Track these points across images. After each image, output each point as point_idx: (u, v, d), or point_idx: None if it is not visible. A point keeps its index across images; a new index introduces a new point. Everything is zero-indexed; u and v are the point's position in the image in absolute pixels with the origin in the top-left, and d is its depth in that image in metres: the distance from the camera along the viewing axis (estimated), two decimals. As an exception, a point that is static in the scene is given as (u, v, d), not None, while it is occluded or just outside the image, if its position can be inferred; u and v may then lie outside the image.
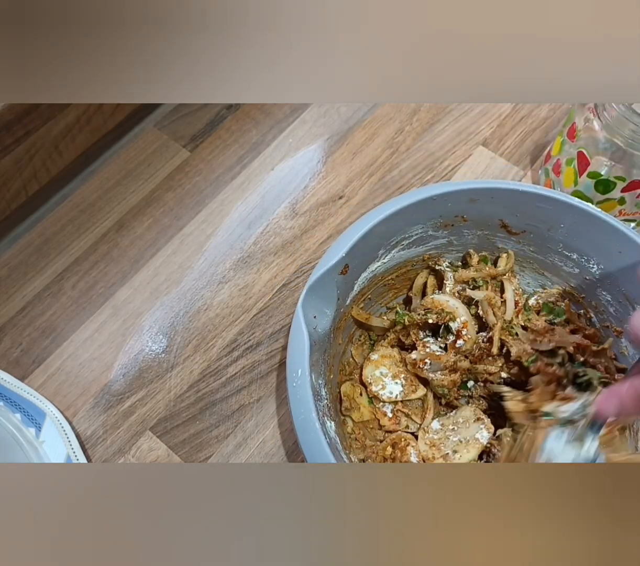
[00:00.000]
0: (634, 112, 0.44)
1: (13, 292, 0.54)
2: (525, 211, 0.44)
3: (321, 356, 0.40)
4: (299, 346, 0.36)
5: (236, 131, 0.62)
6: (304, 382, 0.35)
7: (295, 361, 0.36)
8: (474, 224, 0.46)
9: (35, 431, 0.46)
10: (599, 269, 0.44)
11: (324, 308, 0.40)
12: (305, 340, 0.36)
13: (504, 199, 0.43)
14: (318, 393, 0.38)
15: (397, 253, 0.46)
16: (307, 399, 0.35)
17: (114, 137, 0.61)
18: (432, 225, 0.45)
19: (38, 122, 0.52)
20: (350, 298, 0.45)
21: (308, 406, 0.35)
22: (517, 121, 0.62)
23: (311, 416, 0.35)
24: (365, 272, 0.45)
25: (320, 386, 0.39)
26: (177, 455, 0.48)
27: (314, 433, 0.34)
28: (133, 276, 0.55)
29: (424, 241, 0.47)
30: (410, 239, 0.45)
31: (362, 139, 0.61)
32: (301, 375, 0.36)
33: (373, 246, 0.43)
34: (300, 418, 0.35)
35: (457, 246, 0.48)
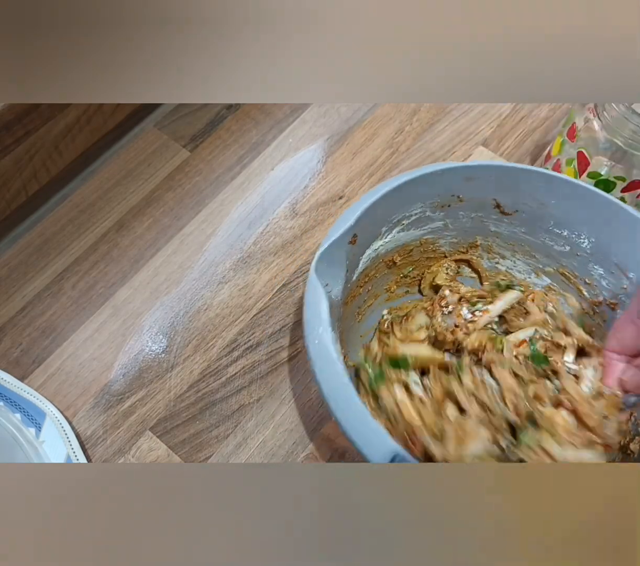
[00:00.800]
0: (634, 112, 0.44)
1: (13, 292, 0.54)
2: (517, 189, 0.45)
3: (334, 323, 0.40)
4: (316, 304, 0.36)
5: (236, 131, 0.62)
6: (327, 339, 0.35)
7: (314, 318, 0.36)
8: (469, 206, 0.47)
9: (35, 431, 0.46)
10: (589, 243, 0.45)
11: (336, 276, 0.40)
12: (322, 298, 0.36)
13: (497, 177, 0.45)
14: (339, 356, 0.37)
15: (397, 234, 0.47)
16: (331, 354, 0.34)
17: (114, 137, 0.61)
18: (431, 205, 0.46)
19: (38, 122, 0.52)
20: (356, 276, 0.45)
21: (333, 361, 0.34)
22: (517, 121, 0.62)
23: (339, 369, 0.34)
24: (369, 250, 0.45)
25: (338, 352, 0.39)
26: (177, 455, 0.48)
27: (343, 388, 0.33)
28: (133, 276, 0.55)
29: (422, 223, 0.48)
30: (410, 219, 0.46)
31: (362, 139, 0.61)
32: (322, 332, 0.35)
33: (378, 220, 0.44)
34: (324, 375, 0.34)
35: (452, 230, 0.49)
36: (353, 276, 0.45)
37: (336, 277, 0.40)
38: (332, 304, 0.38)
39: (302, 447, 0.48)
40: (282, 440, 0.48)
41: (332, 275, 0.39)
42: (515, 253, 0.50)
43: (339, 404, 0.33)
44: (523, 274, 0.51)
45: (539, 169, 0.44)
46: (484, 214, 0.48)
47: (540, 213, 0.46)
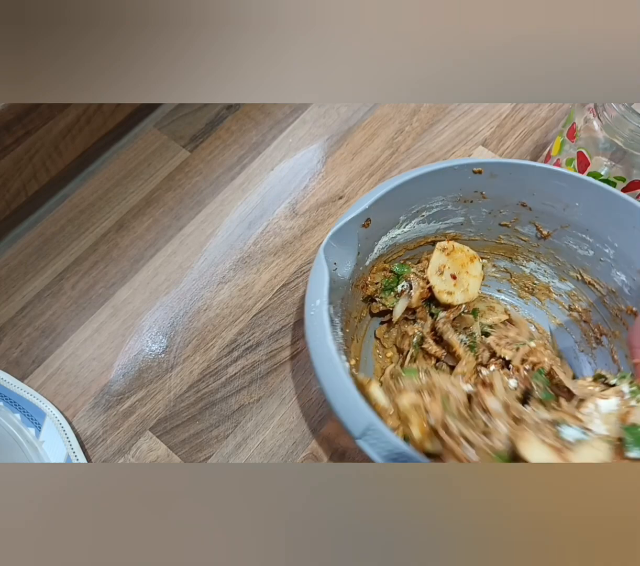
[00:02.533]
0: (634, 112, 0.44)
1: (13, 292, 0.54)
2: (543, 190, 0.44)
3: (339, 300, 0.41)
4: (319, 278, 0.38)
5: (236, 131, 0.62)
6: (322, 311, 0.36)
7: (315, 291, 0.37)
8: (493, 203, 0.47)
9: (35, 431, 0.46)
10: (612, 249, 0.44)
11: (345, 256, 0.41)
12: (325, 274, 0.37)
13: (522, 176, 0.44)
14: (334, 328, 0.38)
15: (417, 225, 0.47)
16: (324, 325, 0.36)
17: (113, 137, 0.61)
18: (452, 199, 0.46)
19: (38, 122, 0.52)
20: (370, 261, 0.46)
21: (324, 331, 0.36)
22: (517, 121, 0.62)
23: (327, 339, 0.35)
24: (385, 237, 0.46)
25: (336, 325, 0.40)
26: (177, 455, 0.48)
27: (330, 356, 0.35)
28: (133, 276, 0.55)
29: (443, 216, 0.47)
30: (431, 211, 0.46)
31: (362, 139, 0.61)
32: (319, 304, 0.37)
33: (396, 208, 0.44)
34: (315, 343, 0.36)
35: (475, 227, 0.49)
36: (367, 260, 0.45)
37: (345, 258, 0.41)
38: (337, 281, 0.40)
39: (302, 447, 0.48)
40: (282, 440, 0.48)
41: (341, 255, 0.41)
42: (540, 255, 0.49)
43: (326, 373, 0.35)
44: (547, 277, 0.50)
45: (565, 171, 0.43)
46: (507, 212, 0.48)
47: (564, 215, 0.45)
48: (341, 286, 0.41)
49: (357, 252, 0.42)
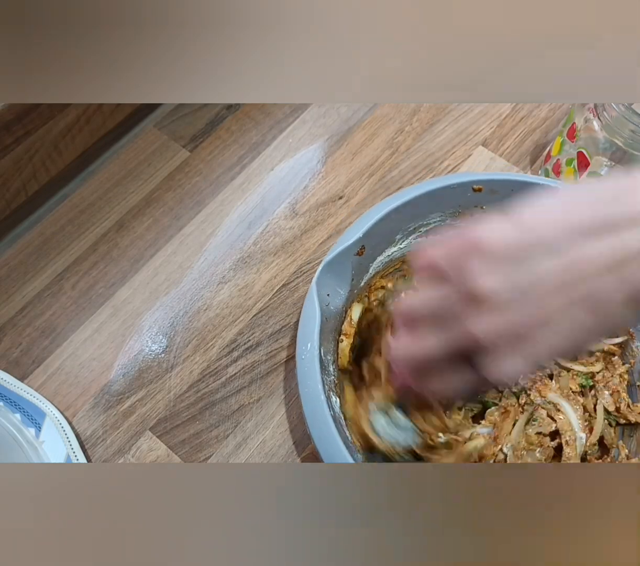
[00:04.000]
0: (634, 112, 0.44)
1: (13, 292, 0.54)
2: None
3: (331, 333, 0.41)
4: (310, 320, 0.37)
5: (236, 131, 0.62)
6: (313, 355, 0.36)
7: (305, 334, 0.37)
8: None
9: (35, 431, 0.46)
10: None
11: (338, 286, 0.40)
12: (317, 314, 0.37)
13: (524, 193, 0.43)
14: (326, 368, 0.38)
15: (414, 240, 0.46)
16: (314, 371, 0.36)
17: (113, 137, 0.61)
18: (451, 214, 0.45)
19: (38, 122, 0.52)
20: (365, 280, 0.45)
21: (315, 378, 0.36)
22: (517, 121, 0.62)
23: (317, 388, 0.35)
24: (381, 256, 0.45)
25: (328, 362, 0.40)
26: (177, 455, 0.48)
27: (319, 404, 0.35)
28: (133, 276, 0.55)
29: (442, 230, 0.46)
30: (428, 227, 0.45)
31: (362, 139, 0.61)
32: (310, 348, 0.36)
33: (391, 230, 0.43)
34: (306, 390, 0.36)
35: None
36: (361, 282, 0.45)
37: (339, 287, 0.40)
38: (330, 316, 0.39)
39: (302, 447, 0.48)
40: (282, 440, 0.48)
41: (334, 286, 0.40)
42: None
43: (315, 421, 0.35)
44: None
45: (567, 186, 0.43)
46: None
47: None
48: (334, 318, 0.40)
49: (351, 279, 0.41)
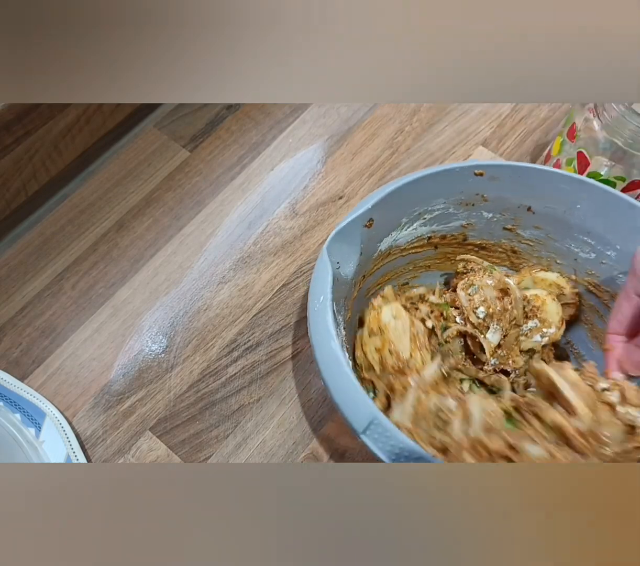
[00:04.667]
0: (634, 112, 0.44)
1: (13, 292, 0.54)
2: (543, 192, 0.45)
3: (342, 300, 0.41)
4: (324, 275, 0.38)
5: (236, 131, 0.62)
6: (325, 306, 0.37)
7: (318, 288, 0.38)
8: (494, 206, 0.47)
9: (35, 431, 0.46)
10: (614, 251, 0.44)
11: (348, 256, 0.41)
12: (329, 272, 0.38)
13: (523, 178, 0.44)
14: (337, 326, 0.39)
15: (419, 227, 0.47)
16: (328, 321, 0.36)
17: (113, 137, 0.61)
18: (454, 201, 0.46)
19: (38, 122, 0.52)
20: (372, 261, 0.46)
21: (327, 326, 0.36)
22: (517, 121, 0.62)
23: (330, 333, 0.36)
24: (388, 238, 0.46)
25: (340, 322, 0.40)
26: (176, 455, 0.48)
27: (333, 352, 0.35)
28: (133, 276, 0.55)
29: (445, 220, 0.48)
30: (432, 214, 0.46)
31: (362, 139, 0.61)
32: (323, 300, 0.37)
33: (398, 209, 0.44)
34: (317, 337, 0.36)
35: (477, 230, 0.49)
36: (370, 261, 0.46)
37: (348, 257, 0.41)
38: (341, 280, 0.40)
39: (302, 447, 0.48)
40: (282, 440, 0.48)
41: (344, 254, 0.41)
42: (541, 259, 0.49)
43: (329, 369, 0.36)
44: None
45: (566, 173, 0.43)
46: (509, 215, 0.47)
47: (565, 217, 0.45)
48: (344, 284, 0.41)
49: (360, 253, 0.42)
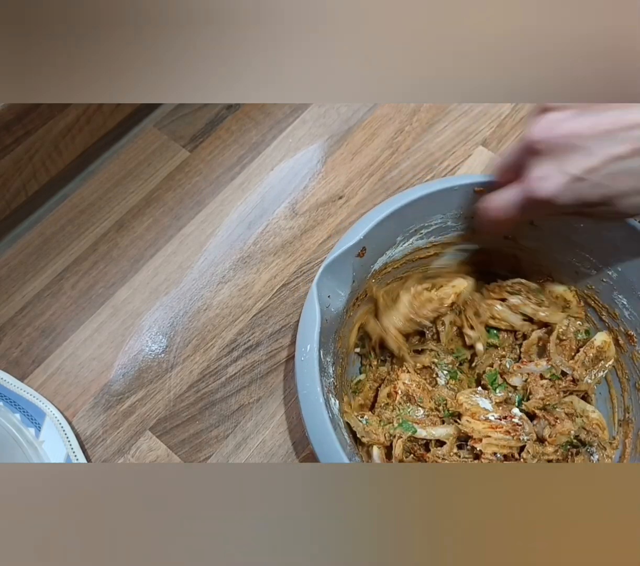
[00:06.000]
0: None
1: (13, 292, 0.54)
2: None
3: (332, 335, 0.40)
4: (310, 322, 0.37)
5: (236, 131, 0.62)
6: (312, 357, 0.36)
7: (305, 336, 0.37)
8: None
9: (35, 431, 0.46)
10: (615, 272, 0.44)
11: (339, 288, 0.40)
12: (317, 317, 0.36)
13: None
14: (325, 370, 0.38)
15: (415, 241, 0.46)
16: (314, 373, 0.35)
17: (113, 137, 0.61)
18: (452, 216, 0.45)
19: (38, 122, 0.52)
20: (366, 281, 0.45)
21: (314, 380, 0.35)
22: (517, 121, 0.62)
23: (316, 390, 0.35)
24: (382, 257, 0.45)
25: (328, 364, 0.39)
26: (176, 455, 0.48)
27: (317, 407, 0.35)
28: (133, 276, 0.55)
29: (443, 232, 0.46)
30: (429, 229, 0.45)
31: (362, 139, 0.61)
32: (310, 350, 0.36)
33: (391, 232, 0.43)
34: (304, 391, 0.36)
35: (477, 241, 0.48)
36: (363, 282, 0.44)
37: (340, 289, 0.40)
38: (330, 318, 0.39)
39: (302, 447, 0.48)
40: (282, 440, 0.48)
41: (335, 287, 0.40)
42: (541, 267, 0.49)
43: (314, 425, 0.35)
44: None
45: None
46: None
47: (567, 234, 0.44)
48: (334, 319, 0.40)
49: (352, 281, 0.41)
